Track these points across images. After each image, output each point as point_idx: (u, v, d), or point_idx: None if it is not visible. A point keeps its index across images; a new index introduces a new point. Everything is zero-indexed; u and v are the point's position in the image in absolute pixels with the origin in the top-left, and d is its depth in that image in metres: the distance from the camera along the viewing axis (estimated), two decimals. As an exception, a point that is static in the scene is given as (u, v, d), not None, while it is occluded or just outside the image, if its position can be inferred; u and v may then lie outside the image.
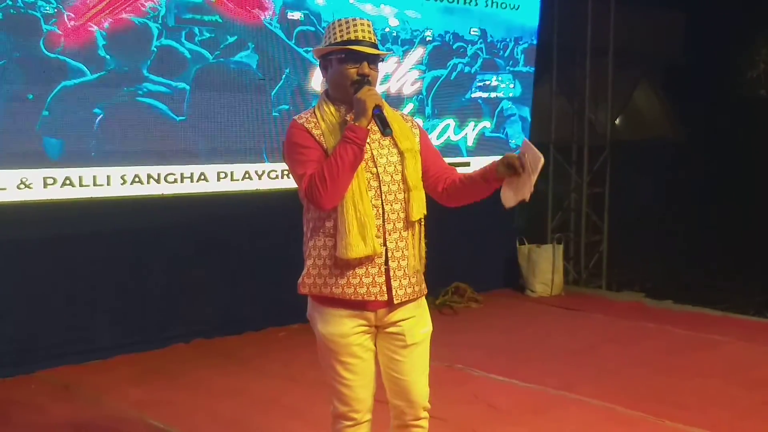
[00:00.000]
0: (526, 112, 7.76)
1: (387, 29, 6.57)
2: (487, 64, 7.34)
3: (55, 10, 4.99)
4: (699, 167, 9.91)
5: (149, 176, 5.47)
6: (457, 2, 6.99)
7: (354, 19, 3.07)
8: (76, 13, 5.07)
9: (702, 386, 5.32)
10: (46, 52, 4.99)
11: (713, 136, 9.88)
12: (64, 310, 5.51)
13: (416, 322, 3.18)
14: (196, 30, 5.53)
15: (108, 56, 5.21)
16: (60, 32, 5.02)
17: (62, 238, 5.38)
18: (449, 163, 3.52)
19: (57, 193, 5.14)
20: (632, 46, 8.88)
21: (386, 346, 3.17)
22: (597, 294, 8.31)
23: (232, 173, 5.81)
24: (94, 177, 5.27)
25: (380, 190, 3.06)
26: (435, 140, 7.05)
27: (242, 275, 6.26)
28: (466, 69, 7.21)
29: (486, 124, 7.45)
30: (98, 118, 5.25)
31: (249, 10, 5.75)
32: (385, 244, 3.06)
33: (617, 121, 9.73)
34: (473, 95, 7.32)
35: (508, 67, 7.51)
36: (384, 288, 3.06)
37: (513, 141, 7.70)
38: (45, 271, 5.39)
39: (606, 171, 8.64)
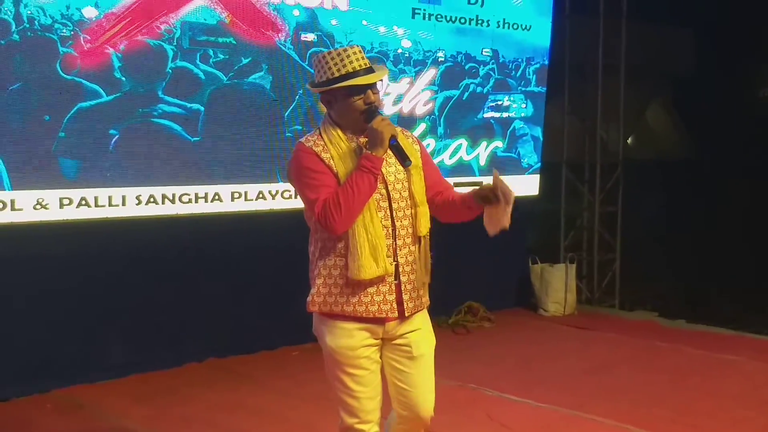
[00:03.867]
0: (538, 131, 7.78)
1: (399, 50, 6.62)
2: (499, 84, 7.37)
3: (72, 33, 5.05)
4: (711, 185, 9.89)
5: (164, 196, 5.51)
6: (469, 23, 7.03)
7: (345, 50, 3.13)
8: (92, 35, 5.13)
9: (715, 406, 5.30)
10: (63, 74, 5.05)
11: (725, 154, 9.87)
12: (79, 330, 5.54)
13: (422, 334, 3.27)
14: (211, 52, 5.58)
15: (123, 78, 5.27)
16: (76, 54, 5.09)
17: (77, 257, 5.41)
18: (462, 183, 3.58)
19: (73, 214, 5.19)
20: (644, 65, 8.91)
21: (393, 357, 3.25)
22: (610, 313, 8.29)
23: (246, 193, 5.85)
24: (110, 197, 5.32)
25: (390, 209, 3.14)
26: (447, 160, 7.08)
27: (256, 294, 6.28)
28: (479, 89, 7.24)
29: (498, 143, 7.47)
30: (114, 139, 5.30)
31: (263, 31, 5.81)
32: (396, 260, 3.15)
33: (629, 140, 9.73)
34: (485, 115, 7.34)
35: (520, 87, 7.54)
36: (394, 305, 3.15)
37: (525, 160, 7.72)
38: (60, 291, 5.42)
39: (618, 189, 8.64)
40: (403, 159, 3.13)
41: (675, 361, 6.41)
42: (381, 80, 3.22)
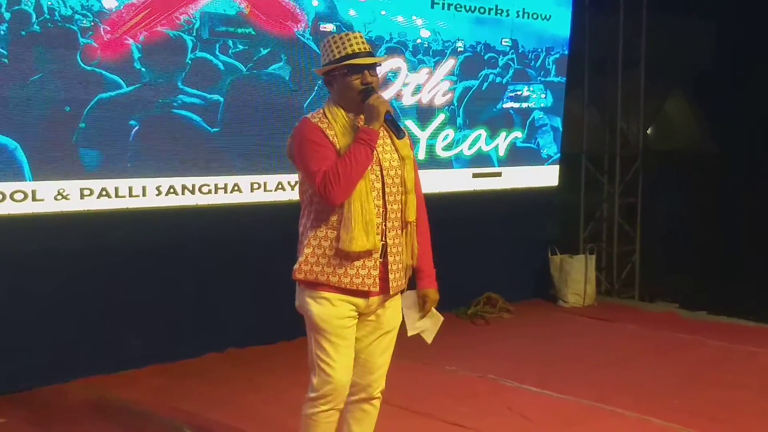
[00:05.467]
0: (558, 122, 7.75)
1: (418, 40, 6.60)
2: (519, 74, 7.34)
3: (92, 24, 5.06)
4: (731, 177, 9.81)
5: (184, 187, 5.53)
6: (489, 13, 7.01)
7: (347, 34, 3.36)
8: (112, 26, 5.14)
9: (737, 398, 5.27)
10: (83, 65, 5.07)
11: (745, 146, 9.78)
12: (99, 320, 5.56)
13: (393, 312, 3.48)
14: (230, 42, 5.59)
15: (143, 69, 5.28)
16: (96, 45, 5.10)
17: (98, 248, 5.43)
18: (481, 173, 3.70)
19: (94, 204, 5.21)
20: (664, 56, 8.84)
21: (363, 332, 3.45)
22: (630, 305, 8.26)
23: (265, 184, 5.86)
24: (130, 188, 5.33)
25: (383, 191, 3.34)
26: (467, 150, 7.08)
27: (277, 284, 6.22)
28: (498, 79, 7.21)
29: (517, 134, 7.45)
30: (134, 130, 5.32)
31: (282, 22, 5.80)
32: (384, 240, 3.34)
33: (649, 131, 9.68)
34: (505, 105, 7.32)
35: (539, 78, 7.51)
36: (377, 280, 3.33)
37: (544, 151, 7.69)
38: (80, 281, 5.44)
39: (638, 181, 8.60)
40: (398, 131, 3.32)
41: (696, 353, 6.37)
42: (379, 64, 3.43)
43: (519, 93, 7.39)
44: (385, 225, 3.33)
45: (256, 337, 6.24)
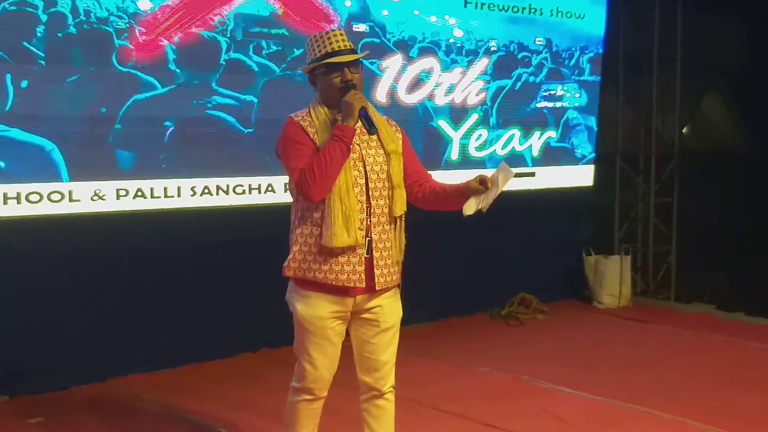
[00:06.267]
0: (592, 121, 7.70)
1: (451, 40, 6.58)
2: (553, 73, 7.30)
3: (127, 26, 5.10)
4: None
5: (218, 187, 5.55)
6: (522, 12, 6.97)
7: (327, 33, 3.40)
8: (147, 27, 5.17)
9: (776, 400, 5.21)
10: (119, 67, 5.10)
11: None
12: (135, 319, 5.60)
13: (391, 309, 3.49)
14: (264, 43, 5.60)
15: (178, 70, 5.31)
16: (132, 47, 5.13)
17: (133, 248, 5.46)
18: (518, 174, 3.64)
19: (129, 205, 5.24)
20: (700, 54, 8.75)
21: (362, 330, 3.49)
22: (666, 306, 8.18)
23: (298, 184, 5.86)
24: (165, 188, 5.37)
25: (367, 187, 3.36)
26: (500, 150, 7.04)
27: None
28: (531, 79, 7.17)
29: (551, 134, 7.40)
30: (169, 131, 5.35)
31: (315, 23, 5.81)
32: (369, 236, 3.36)
33: (684, 130, 9.59)
34: (538, 105, 7.28)
35: (573, 77, 7.46)
36: (363, 276, 3.35)
37: (579, 150, 7.64)
38: (116, 281, 5.49)
39: (674, 180, 8.52)
40: (370, 126, 3.31)
41: (733, 354, 6.30)
42: (360, 61, 3.44)
43: (553, 92, 7.34)
44: (370, 220, 3.35)
45: (289, 338, 6.23)
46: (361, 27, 6.07)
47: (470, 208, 3.36)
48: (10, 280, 5.11)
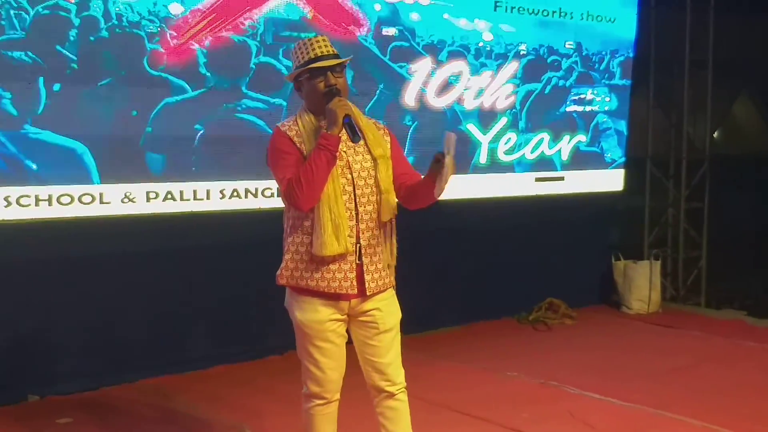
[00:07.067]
0: (623, 125, 7.65)
1: (481, 43, 6.57)
2: (583, 77, 7.27)
3: (158, 29, 5.14)
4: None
5: (247, 190, 5.58)
6: (552, 15, 6.95)
7: (310, 39, 3.43)
8: (178, 31, 5.21)
9: (808, 408, 5.15)
10: (150, 70, 5.15)
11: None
12: (165, 321, 5.65)
13: (387, 311, 3.49)
14: (293, 47, 5.61)
15: (208, 73, 5.35)
16: (163, 50, 5.18)
17: (163, 250, 5.51)
18: (544, 178, 3.62)
19: (159, 207, 5.28)
20: (732, 57, 8.68)
21: (361, 333, 3.50)
22: (696, 311, 8.11)
23: (327, 187, 5.87)
24: (194, 191, 5.40)
25: (354, 194, 3.37)
26: (529, 154, 7.02)
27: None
28: (561, 83, 7.15)
29: (581, 138, 7.37)
30: (199, 134, 5.39)
31: (345, 26, 5.83)
32: (359, 242, 3.37)
33: (716, 135, 9.51)
34: (568, 109, 7.25)
35: (603, 81, 7.42)
36: (354, 282, 3.37)
37: (609, 155, 7.60)
38: (146, 283, 5.53)
39: (705, 185, 8.45)
40: (353, 134, 3.30)
41: (764, 361, 6.23)
42: (344, 65, 3.44)
43: (583, 96, 7.31)
44: (359, 227, 3.36)
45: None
46: (391, 31, 6.08)
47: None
48: (43, 280, 5.16)
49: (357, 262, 3.37)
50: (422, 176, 3.41)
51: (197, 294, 5.73)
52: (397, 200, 3.49)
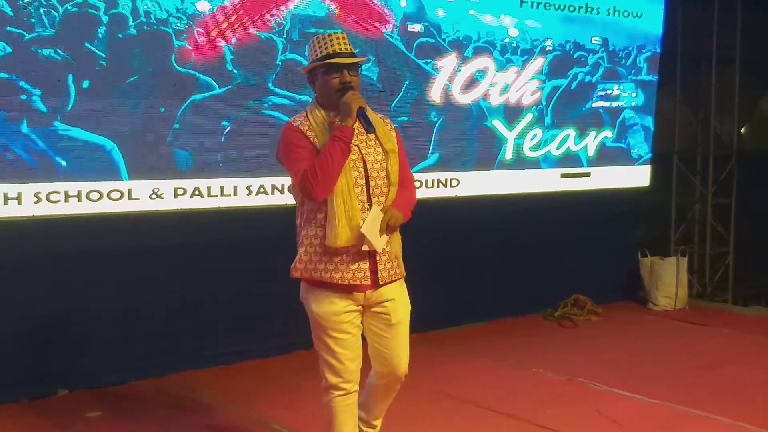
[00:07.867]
0: (649, 121, 7.62)
1: (507, 39, 6.56)
2: (609, 73, 7.24)
3: (186, 27, 5.17)
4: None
5: (273, 187, 5.60)
6: (578, 11, 6.93)
7: (329, 35, 3.51)
8: (206, 28, 5.24)
9: (837, 406, 5.11)
10: (178, 67, 5.18)
11: None
12: (193, 316, 5.68)
13: (399, 302, 3.58)
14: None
15: (235, 70, 5.38)
16: (190, 47, 5.21)
17: (190, 245, 5.53)
18: (570, 174, 3.68)
19: (186, 203, 5.33)
20: (759, 53, 8.61)
21: (374, 324, 3.57)
22: (723, 308, 8.06)
23: (353, 184, 5.89)
24: (222, 187, 5.44)
25: (367, 186, 3.44)
26: (555, 150, 7.01)
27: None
28: (587, 78, 7.12)
29: (607, 134, 7.34)
30: (226, 131, 5.42)
31: (370, 23, 5.84)
32: None
33: (743, 130, 9.43)
34: (594, 105, 7.22)
35: (630, 76, 7.39)
36: (368, 273, 3.45)
37: (635, 150, 7.57)
38: (174, 277, 5.56)
39: (732, 181, 8.39)
40: (368, 125, 3.40)
41: (793, 358, 6.19)
42: (360, 65, 3.54)
43: (609, 92, 7.28)
44: None
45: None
46: (417, 27, 6.08)
47: (367, 243, 3.42)
48: (73, 276, 5.20)
49: (369, 252, 3.43)
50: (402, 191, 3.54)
51: (224, 289, 5.76)
52: None
